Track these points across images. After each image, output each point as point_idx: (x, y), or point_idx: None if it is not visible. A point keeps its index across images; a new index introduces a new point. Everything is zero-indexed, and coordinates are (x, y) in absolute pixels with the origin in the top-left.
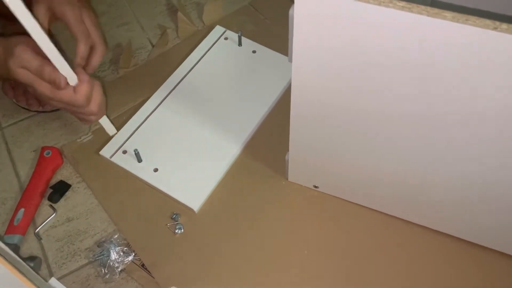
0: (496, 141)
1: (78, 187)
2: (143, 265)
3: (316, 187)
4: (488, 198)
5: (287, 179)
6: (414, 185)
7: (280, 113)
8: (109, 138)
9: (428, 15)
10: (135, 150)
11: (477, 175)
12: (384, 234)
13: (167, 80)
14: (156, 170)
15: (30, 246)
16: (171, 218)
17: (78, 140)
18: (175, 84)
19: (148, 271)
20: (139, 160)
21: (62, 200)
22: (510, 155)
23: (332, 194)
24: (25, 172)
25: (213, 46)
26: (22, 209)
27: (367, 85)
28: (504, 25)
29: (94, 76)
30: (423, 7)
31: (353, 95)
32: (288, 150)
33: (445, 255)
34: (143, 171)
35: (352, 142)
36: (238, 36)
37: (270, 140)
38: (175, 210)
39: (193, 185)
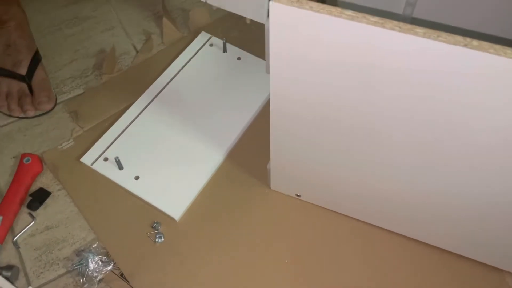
0: (465, 154)
1: (58, 195)
2: (122, 275)
3: (298, 195)
4: (461, 208)
5: (270, 187)
6: (393, 197)
7: (264, 120)
8: (90, 145)
9: (400, 31)
10: (116, 158)
11: (451, 183)
12: (365, 243)
13: (151, 87)
14: (137, 178)
15: (8, 255)
16: (152, 227)
17: (59, 147)
18: (159, 90)
19: (127, 281)
20: (120, 167)
21: (41, 208)
22: (484, 168)
23: (314, 203)
24: (4, 179)
25: (198, 53)
26: (0, 217)
27: (343, 98)
28: (475, 42)
29: (79, 81)
30: (395, 22)
31: (329, 107)
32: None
33: (426, 265)
34: (124, 179)
35: (332, 153)
36: (223, 42)
37: (253, 148)
38: (156, 219)
39: (174, 194)
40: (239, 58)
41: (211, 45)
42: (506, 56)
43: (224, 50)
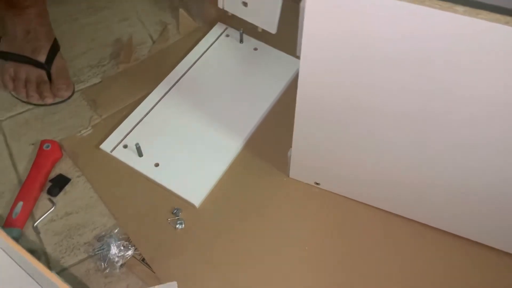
0: (499, 140)
1: (78, 181)
2: (143, 260)
3: (317, 184)
4: (489, 197)
5: (289, 176)
6: (414, 184)
7: (281, 110)
8: (109, 133)
9: (440, 9)
10: (137, 144)
11: (477, 174)
12: (384, 231)
13: (168, 76)
14: (157, 165)
15: (28, 240)
16: (172, 213)
17: (78, 134)
18: (176, 80)
19: (149, 266)
20: (140, 154)
21: (61, 194)
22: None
23: (333, 191)
24: (23, 165)
25: (215, 43)
26: (21, 203)
27: (372, 80)
28: None
29: (95, 70)
30: (435, 0)
31: (358, 90)
32: (290, 147)
33: (443, 252)
34: (144, 166)
35: (355, 140)
36: (240, 33)
37: (271, 137)
38: (176, 205)
39: (194, 181)
40: (255, 49)
41: (227, 35)
42: None
43: (241, 41)
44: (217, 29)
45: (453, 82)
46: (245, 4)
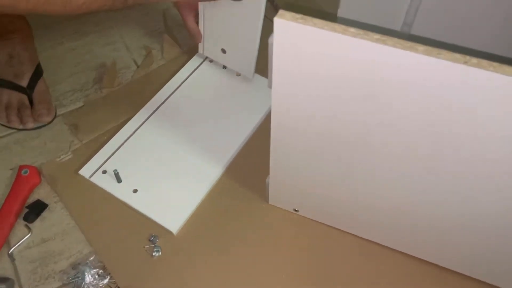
0: (463, 165)
1: (55, 207)
2: None
3: (296, 210)
4: (471, 228)
5: (268, 202)
6: (391, 211)
7: (262, 135)
8: (88, 158)
9: (402, 48)
10: (115, 171)
11: (456, 203)
12: (363, 259)
13: (150, 101)
14: (135, 191)
15: (3, 267)
16: (149, 240)
17: (58, 159)
18: (158, 104)
19: None
20: (119, 180)
21: (38, 220)
22: (481, 190)
23: (312, 218)
24: (0, 191)
25: (198, 68)
26: None
27: (344, 112)
28: (474, 60)
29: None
30: (397, 40)
31: (330, 121)
32: (268, 174)
33: (423, 282)
34: (122, 192)
35: (330, 168)
36: None
37: (251, 163)
38: (153, 232)
39: (172, 207)
40: (238, 74)
41: (210, 61)
42: (505, 73)
43: (224, 67)
44: (200, 52)
45: (422, 118)
46: (223, 51)
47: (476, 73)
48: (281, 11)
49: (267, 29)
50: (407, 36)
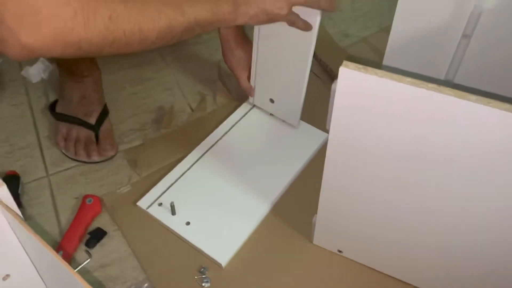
0: None
1: (114, 235)
2: None
3: (340, 251)
4: None
5: (312, 242)
6: (440, 260)
7: (308, 177)
8: (146, 191)
9: (455, 96)
10: (171, 203)
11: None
12: None
13: (204, 141)
14: (188, 223)
15: None
16: (199, 272)
17: (118, 191)
18: (211, 145)
19: None
20: (173, 213)
21: (97, 246)
22: None
23: (356, 260)
24: (65, 217)
25: (247, 114)
26: (61, 252)
27: (399, 156)
28: None
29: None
30: (450, 89)
31: (384, 165)
32: (315, 213)
33: None
34: (176, 224)
35: (380, 212)
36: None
37: (297, 202)
38: (203, 264)
39: (222, 241)
40: (284, 121)
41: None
42: None
43: (271, 114)
44: (250, 101)
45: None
46: (272, 100)
47: None
48: (345, 62)
49: (311, 81)
50: (451, 85)
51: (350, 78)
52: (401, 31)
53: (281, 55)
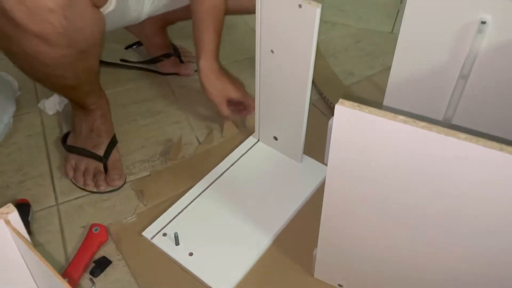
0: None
1: (118, 264)
2: None
3: (340, 286)
4: None
5: (313, 275)
6: None
7: (310, 210)
8: (151, 221)
9: (445, 135)
10: (175, 233)
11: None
12: None
13: (209, 173)
14: (191, 254)
15: None
16: None
17: (124, 221)
18: (216, 177)
19: None
20: (177, 243)
21: (102, 275)
22: None
23: None
24: (72, 245)
25: (252, 147)
26: (66, 279)
27: (393, 193)
28: (510, 148)
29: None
30: (441, 127)
31: (382, 201)
32: (315, 247)
33: None
34: (179, 254)
35: (380, 247)
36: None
37: (299, 235)
38: None
39: (224, 272)
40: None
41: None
42: None
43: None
44: (255, 136)
45: (462, 196)
46: (275, 138)
47: (510, 159)
48: (341, 100)
49: (316, 117)
50: (449, 125)
51: (345, 115)
52: (400, 72)
53: (281, 94)
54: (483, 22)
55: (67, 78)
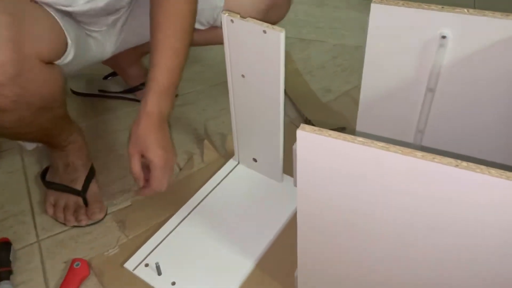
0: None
1: None
2: None
3: None
4: None
5: None
6: None
7: (292, 229)
8: (133, 251)
9: (402, 153)
10: (156, 263)
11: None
12: None
13: (190, 200)
14: (173, 283)
15: None
16: None
17: (106, 253)
18: (197, 203)
19: None
20: (159, 273)
21: None
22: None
23: None
24: (54, 282)
25: (233, 170)
26: None
27: (363, 209)
28: (464, 163)
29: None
30: (398, 147)
31: (350, 221)
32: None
33: None
34: (161, 285)
35: (356, 265)
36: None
37: (282, 256)
38: None
39: None
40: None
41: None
42: (490, 175)
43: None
44: (235, 158)
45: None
46: (255, 160)
47: (465, 174)
48: (302, 125)
49: (295, 137)
50: (419, 147)
51: (307, 139)
52: (371, 88)
53: (255, 117)
54: (443, 37)
55: (32, 132)
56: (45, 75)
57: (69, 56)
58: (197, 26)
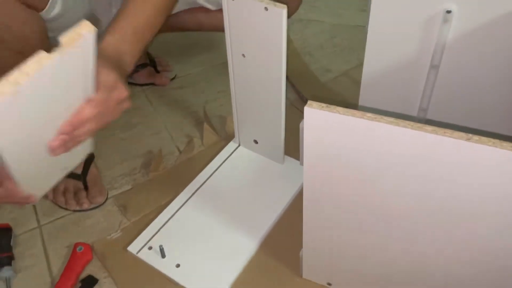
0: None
1: (105, 282)
2: None
3: (329, 284)
4: None
5: (301, 276)
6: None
7: (295, 210)
8: (136, 235)
9: (412, 128)
10: (160, 246)
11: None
12: None
13: (192, 182)
14: (178, 265)
15: None
16: None
17: (108, 237)
18: (199, 185)
19: None
20: (163, 255)
21: None
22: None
23: None
24: (57, 267)
25: (234, 152)
26: None
27: (370, 185)
28: (476, 137)
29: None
30: (408, 122)
31: (359, 198)
32: (302, 247)
33: None
34: (165, 267)
35: (362, 243)
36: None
37: (286, 236)
38: None
39: (212, 281)
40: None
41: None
42: (503, 148)
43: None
44: (236, 140)
45: (437, 187)
46: (256, 142)
47: (478, 148)
48: (309, 102)
49: (296, 117)
50: (424, 120)
51: (315, 116)
52: (373, 67)
53: (256, 97)
54: (448, 12)
55: None
56: (19, 15)
57: (55, 8)
58: (207, 5)
